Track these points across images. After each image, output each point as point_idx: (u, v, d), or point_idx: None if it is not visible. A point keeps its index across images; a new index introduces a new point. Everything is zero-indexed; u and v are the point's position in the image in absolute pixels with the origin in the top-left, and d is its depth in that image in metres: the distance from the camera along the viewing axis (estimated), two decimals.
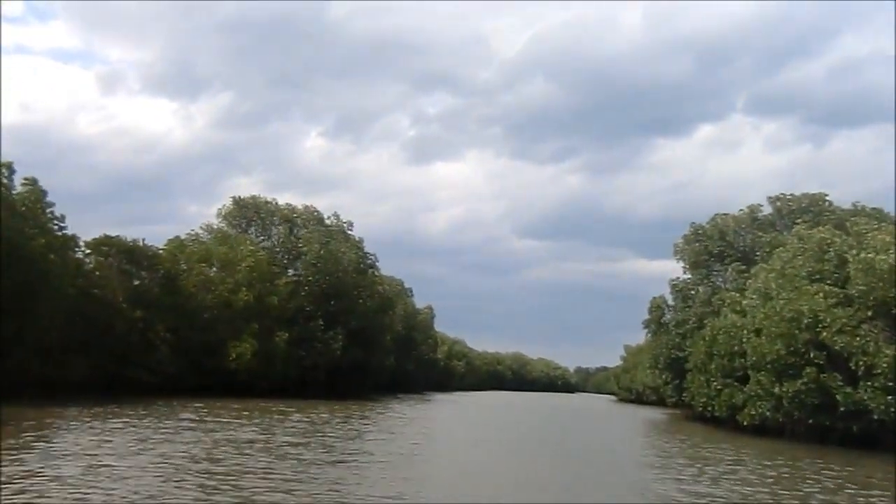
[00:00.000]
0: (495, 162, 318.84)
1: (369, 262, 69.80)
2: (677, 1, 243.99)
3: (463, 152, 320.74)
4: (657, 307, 66.81)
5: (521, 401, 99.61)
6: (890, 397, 32.55)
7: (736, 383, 44.21)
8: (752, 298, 44.82)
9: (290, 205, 67.83)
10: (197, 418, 30.85)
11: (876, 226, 39.96)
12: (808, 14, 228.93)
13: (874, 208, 51.59)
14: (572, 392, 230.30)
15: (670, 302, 66.43)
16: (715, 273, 62.08)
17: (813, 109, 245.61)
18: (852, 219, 46.71)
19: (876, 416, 33.20)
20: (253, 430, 27.37)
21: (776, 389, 37.49)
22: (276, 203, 66.45)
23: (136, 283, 47.59)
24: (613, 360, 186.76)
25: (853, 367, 34.40)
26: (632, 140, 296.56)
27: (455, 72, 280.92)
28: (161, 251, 51.94)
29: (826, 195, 56.09)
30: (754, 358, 39.47)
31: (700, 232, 63.05)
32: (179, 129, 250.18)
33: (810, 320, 36.15)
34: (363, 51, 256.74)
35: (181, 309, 49.58)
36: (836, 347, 34.86)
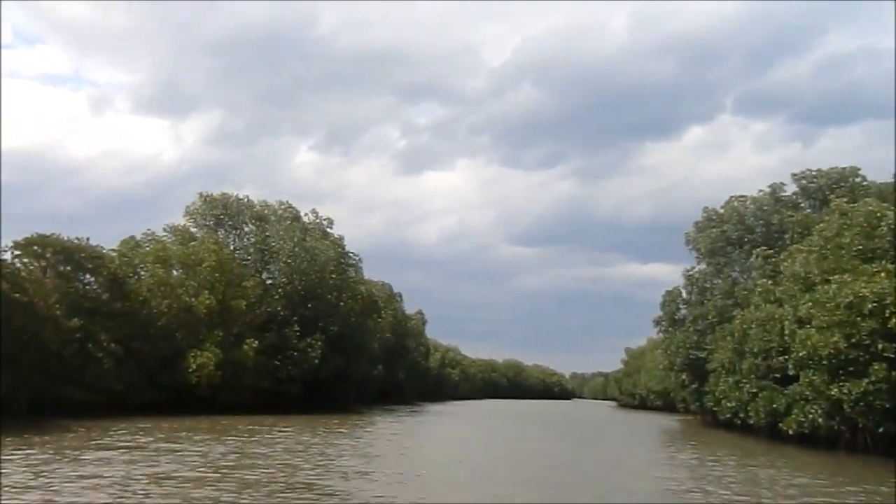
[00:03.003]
0: (486, 170, 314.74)
1: (351, 261, 63.42)
2: (664, 2, 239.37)
3: (453, 161, 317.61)
4: (671, 301, 60.58)
5: (520, 410, 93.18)
6: None
7: (775, 385, 38.05)
8: (788, 285, 38.69)
9: (264, 201, 61.47)
10: (119, 443, 24.38)
11: None
12: (793, 12, 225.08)
13: None
14: (569, 398, 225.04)
15: (684, 295, 60.34)
16: (733, 262, 56.00)
17: (801, 108, 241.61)
18: None
19: None
20: (173, 460, 20.90)
21: (833, 391, 31.28)
22: (248, 199, 59.96)
23: (75, 288, 40.83)
24: (608, 364, 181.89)
25: None
26: (621, 144, 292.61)
27: (443, 81, 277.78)
28: (108, 252, 45.34)
29: (858, 169, 50.05)
30: (802, 353, 33.21)
31: (714, 217, 56.96)
32: (170, 149, 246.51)
33: (875, 305, 29.99)
34: (351, 64, 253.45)
35: (132, 316, 43.00)
36: None
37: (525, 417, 70.28)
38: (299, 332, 53.04)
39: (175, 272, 48.76)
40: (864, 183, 48.53)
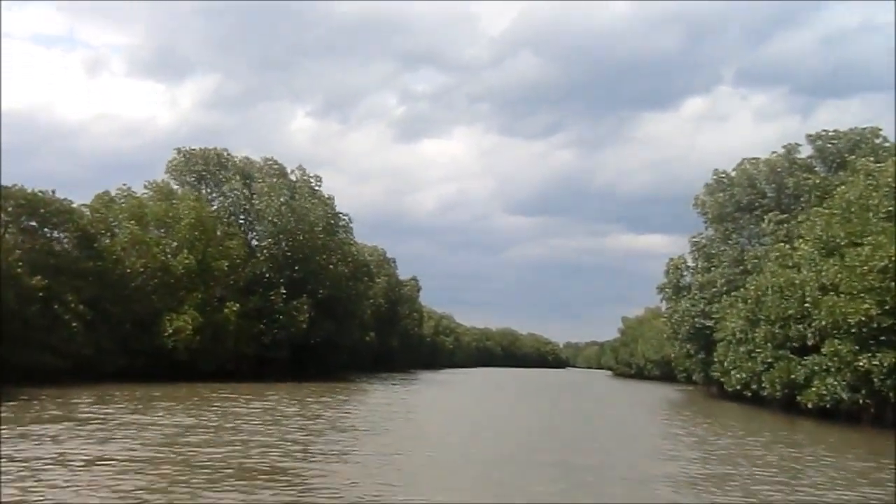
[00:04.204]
0: (484, 139, 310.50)
1: (342, 222, 60.47)
2: None
3: (451, 130, 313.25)
4: (675, 269, 58.02)
5: (515, 379, 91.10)
6: None
7: (792, 355, 35.51)
8: (807, 249, 35.96)
9: (248, 158, 58.22)
10: (78, 414, 21.65)
11: None
12: None
13: None
14: (563, 367, 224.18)
15: (689, 263, 57.76)
16: (741, 228, 53.26)
17: (801, 80, 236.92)
18: None
19: None
20: (128, 435, 18.19)
21: (862, 362, 28.71)
22: (230, 155, 56.66)
23: (40, 244, 37.84)
24: (602, 334, 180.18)
25: None
26: (620, 114, 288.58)
27: (442, 49, 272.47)
28: (80, 207, 42.26)
29: (880, 129, 47.13)
30: (827, 321, 30.60)
31: (725, 181, 54.07)
32: (165, 113, 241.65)
33: None
34: (349, 29, 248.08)
35: (104, 276, 40.11)
36: None
37: (523, 387, 68.02)
38: (286, 296, 50.30)
39: (153, 230, 45.80)
40: (886, 144, 45.71)
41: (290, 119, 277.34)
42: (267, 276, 51.10)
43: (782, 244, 40.93)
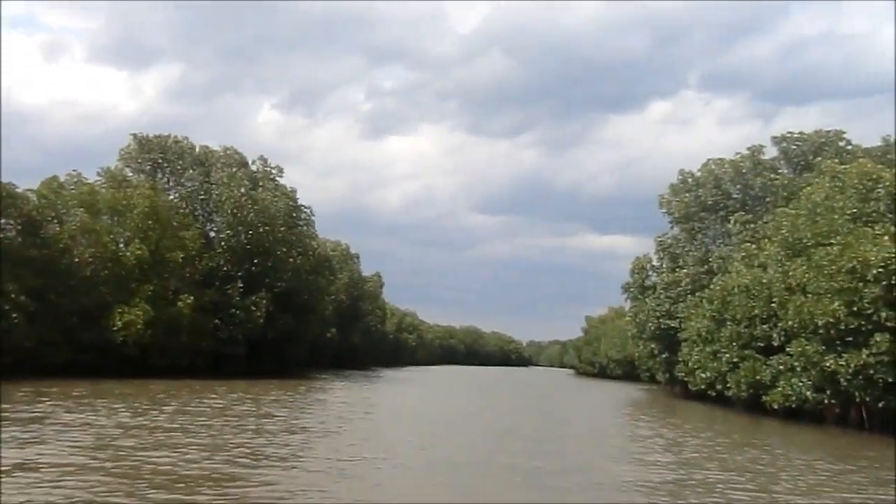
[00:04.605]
0: (451, 136, 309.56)
1: (304, 215, 58.93)
2: None
3: (418, 127, 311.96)
4: (640, 268, 57.73)
5: (480, 377, 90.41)
6: None
7: (758, 355, 35.21)
8: (774, 249, 35.72)
9: (207, 147, 56.28)
10: (3, 414, 20.07)
11: None
12: None
13: None
14: (526, 365, 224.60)
15: (655, 262, 57.48)
16: (706, 228, 53.12)
17: (763, 86, 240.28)
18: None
19: None
20: (52, 437, 16.78)
21: (829, 362, 28.38)
22: (189, 142, 54.70)
23: None
24: (565, 332, 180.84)
25: None
26: (586, 115, 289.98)
27: (411, 45, 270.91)
28: (25, 192, 40.16)
29: (844, 132, 47.26)
30: (795, 321, 30.24)
31: (690, 181, 53.89)
32: (127, 101, 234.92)
33: (881, 271, 26.99)
34: (317, 22, 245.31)
35: (49, 265, 38.17)
36: None
37: (485, 386, 67.23)
38: (243, 289, 48.65)
39: (104, 219, 43.84)
40: (849, 147, 45.83)
41: (255, 111, 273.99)
42: (224, 268, 49.37)
43: (748, 244, 40.70)
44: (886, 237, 28.29)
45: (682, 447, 22.20)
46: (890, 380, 26.62)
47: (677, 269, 52.16)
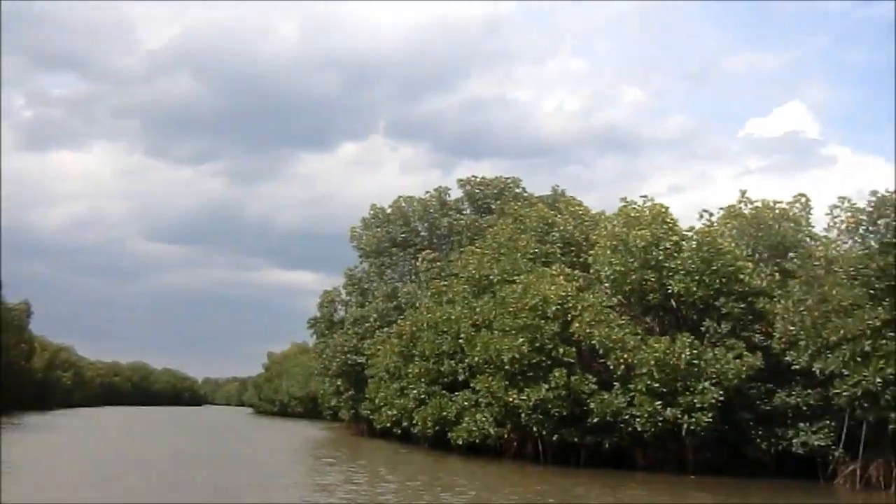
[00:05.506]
0: (128, 158, 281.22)
1: None
2: (334, 16, 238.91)
3: (90, 143, 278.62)
4: (329, 302, 56.27)
5: (141, 420, 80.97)
6: (658, 402, 26.08)
7: (445, 391, 35.43)
8: (462, 287, 36.66)
9: None
10: None
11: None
12: (442, 53, 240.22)
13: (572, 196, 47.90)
14: (199, 404, 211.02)
15: (343, 296, 56.51)
16: (395, 263, 53.77)
17: (443, 139, 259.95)
18: (562, 200, 42.43)
19: (638, 428, 26.51)
20: None
21: (511, 397, 29.15)
22: None
23: None
24: (247, 369, 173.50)
25: (611, 367, 27.50)
26: (277, 150, 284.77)
27: (88, 53, 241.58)
28: None
29: (520, 180, 51.35)
30: (480, 357, 30.77)
31: (381, 216, 54.31)
32: None
33: (557, 308, 28.55)
34: None
35: None
36: (592, 342, 27.68)
37: (145, 431, 59.74)
38: None
39: None
40: (525, 193, 49.76)
41: None
42: None
43: (437, 280, 41.43)
44: (562, 277, 30.24)
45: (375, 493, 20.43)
46: (564, 413, 28.03)
47: (366, 304, 51.71)
